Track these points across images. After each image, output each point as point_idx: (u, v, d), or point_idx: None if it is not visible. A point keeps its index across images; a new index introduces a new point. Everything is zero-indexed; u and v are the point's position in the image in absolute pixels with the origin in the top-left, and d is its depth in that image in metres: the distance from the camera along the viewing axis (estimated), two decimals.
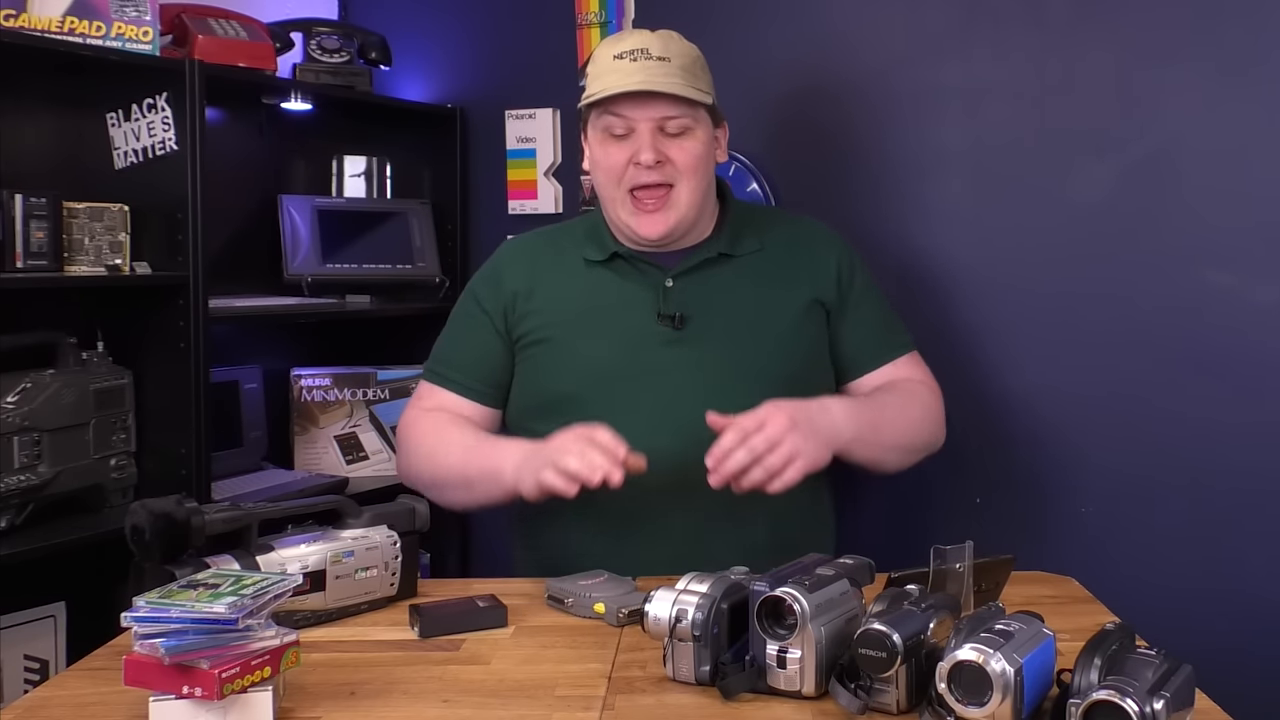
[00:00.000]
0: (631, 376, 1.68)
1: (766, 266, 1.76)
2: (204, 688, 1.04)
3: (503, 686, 1.20)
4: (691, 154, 1.68)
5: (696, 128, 1.69)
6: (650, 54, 1.66)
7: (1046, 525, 2.07)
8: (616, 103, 1.67)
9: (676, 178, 1.68)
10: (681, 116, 1.67)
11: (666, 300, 1.71)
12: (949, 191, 2.16)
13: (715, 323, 1.71)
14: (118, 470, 2.02)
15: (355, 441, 2.57)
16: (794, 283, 1.75)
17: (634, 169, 1.67)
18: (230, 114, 2.49)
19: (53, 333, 1.99)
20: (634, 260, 1.74)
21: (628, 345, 1.70)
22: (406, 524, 1.46)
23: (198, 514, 1.27)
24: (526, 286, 1.77)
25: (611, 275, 1.75)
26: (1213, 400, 1.95)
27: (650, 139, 1.66)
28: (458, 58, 2.66)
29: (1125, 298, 2.02)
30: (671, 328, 1.69)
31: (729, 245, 1.75)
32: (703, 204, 1.73)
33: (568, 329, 1.73)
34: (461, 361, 1.80)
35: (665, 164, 1.67)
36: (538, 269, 1.79)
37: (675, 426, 1.61)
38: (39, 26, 1.91)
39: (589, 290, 1.75)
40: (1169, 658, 1.00)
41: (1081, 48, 2.04)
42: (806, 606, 1.10)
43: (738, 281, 1.74)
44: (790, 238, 1.80)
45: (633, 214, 1.69)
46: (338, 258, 2.51)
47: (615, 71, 1.66)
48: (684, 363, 1.68)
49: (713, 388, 1.66)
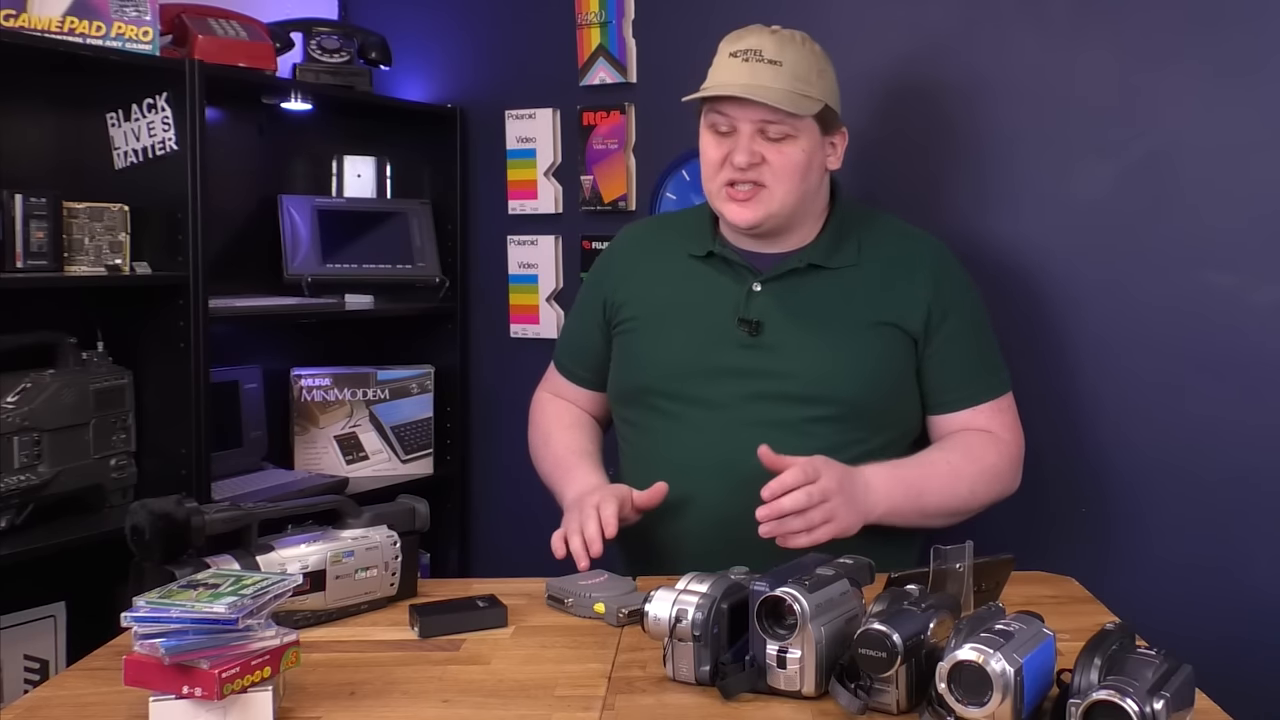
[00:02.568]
0: (701, 375, 1.70)
1: (857, 283, 1.73)
2: (204, 688, 1.04)
3: (503, 686, 1.20)
4: (789, 159, 1.67)
5: (799, 135, 1.67)
6: (763, 56, 1.65)
7: (1046, 525, 2.07)
8: (722, 100, 1.67)
9: (770, 179, 1.67)
10: (782, 123, 1.66)
11: (749, 305, 1.72)
12: (948, 192, 2.16)
13: (792, 334, 1.70)
14: (118, 470, 2.02)
15: (355, 441, 2.57)
16: (880, 305, 1.72)
17: (730, 167, 1.68)
18: (230, 114, 2.49)
19: (53, 333, 1.99)
20: (729, 260, 1.76)
21: (703, 344, 1.72)
22: (406, 524, 1.46)
23: (198, 514, 1.27)
24: (630, 275, 1.84)
25: (706, 271, 1.77)
26: (1213, 400, 1.95)
27: (748, 141, 1.66)
28: (458, 58, 2.66)
29: (1125, 297, 2.02)
30: (748, 334, 1.70)
31: (824, 256, 1.73)
32: (797, 208, 1.71)
33: (653, 321, 1.78)
34: (571, 347, 1.94)
35: (760, 165, 1.67)
36: (643, 257, 1.85)
37: (740, 431, 1.64)
38: (39, 26, 1.91)
39: (681, 284, 1.78)
40: (1169, 658, 1.00)
41: (1081, 48, 2.04)
42: (806, 606, 1.10)
43: (824, 295, 1.72)
44: (892, 256, 1.76)
45: (727, 201, 1.70)
46: (338, 258, 2.51)
47: (726, 69, 1.68)
48: (754, 369, 1.69)
49: (776, 398, 1.67)
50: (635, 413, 1.78)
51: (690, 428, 1.70)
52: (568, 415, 1.92)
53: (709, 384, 1.70)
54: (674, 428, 1.71)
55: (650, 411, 1.74)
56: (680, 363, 1.72)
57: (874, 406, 1.69)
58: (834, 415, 1.66)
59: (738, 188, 1.69)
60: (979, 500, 1.72)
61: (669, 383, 1.72)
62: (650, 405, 1.74)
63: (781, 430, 1.63)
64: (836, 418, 1.66)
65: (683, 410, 1.70)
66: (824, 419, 1.66)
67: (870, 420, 1.69)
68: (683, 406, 1.70)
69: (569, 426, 1.89)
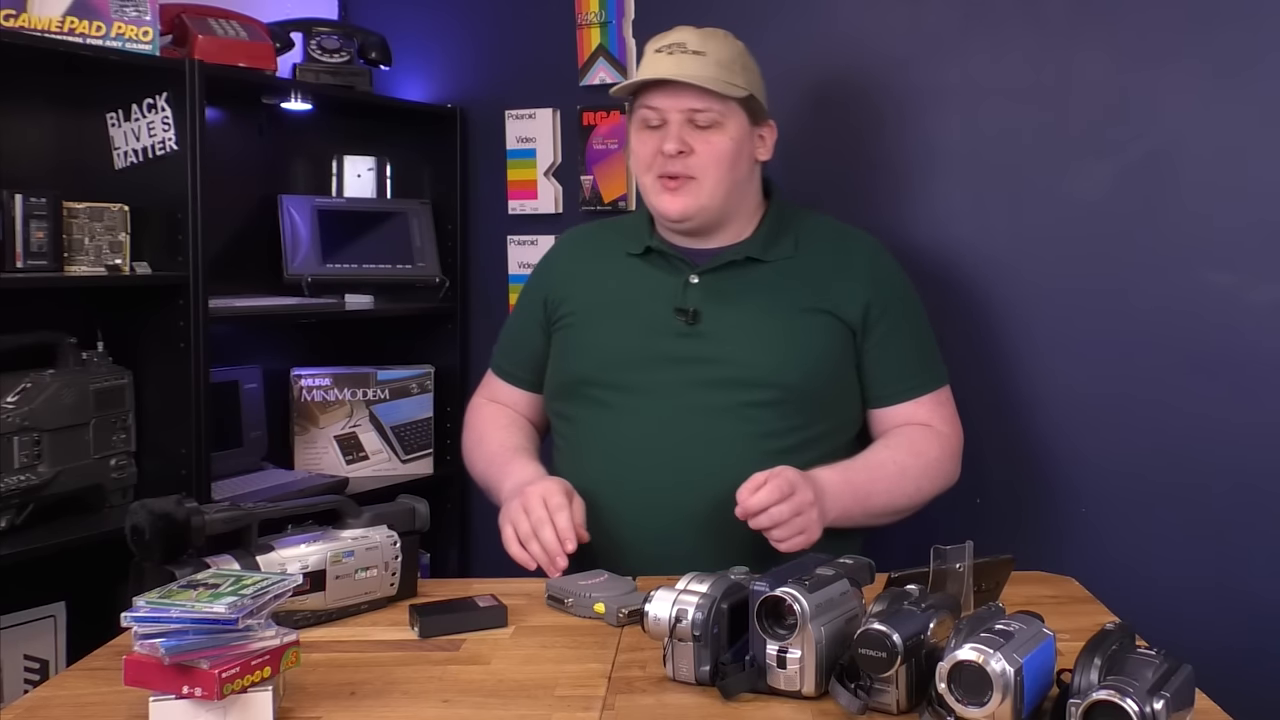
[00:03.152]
0: (640, 364, 1.71)
1: (795, 275, 1.75)
2: (204, 688, 1.04)
3: (503, 686, 1.20)
4: (717, 148, 1.70)
5: (726, 123, 1.70)
6: (687, 48, 1.69)
7: (1046, 525, 2.07)
8: (649, 94, 1.71)
9: (699, 170, 1.70)
10: (709, 110, 1.69)
11: (686, 295, 1.73)
12: (948, 192, 2.16)
13: (729, 323, 1.71)
14: (118, 470, 2.02)
15: (355, 441, 2.57)
16: (817, 293, 1.74)
17: (660, 158, 1.70)
18: (230, 114, 2.48)
19: (53, 333, 1.99)
20: (666, 255, 1.78)
21: (641, 334, 1.73)
22: (406, 524, 1.46)
23: (198, 514, 1.27)
24: (570, 274, 1.86)
25: (644, 267, 1.79)
26: (1212, 399, 1.95)
27: (678, 130, 1.69)
28: (458, 58, 2.66)
29: (1124, 297, 2.02)
30: (685, 323, 1.71)
31: (761, 249, 1.76)
32: (729, 199, 1.74)
33: (593, 315, 1.79)
34: (510, 350, 1.94)
35: (690, 155, 1.69)
36: (583, 258, 1.88)
37: (678, 418, 1.67)
38: (39, 26, 1.91)
39: (620, 280, 1.80)
40: (1169, 658, 1.00)
41: (1079, 48, 2.04)
42: (806, 606, 1.10)
43: (761, 286, 1.74)
44: (830, 250, 1.79)
45: (659, 193, 1.73)
46: (338, 258, 2.51)
47: (651, 64, 1.71)
48: (692, 357, 1.70)
49: (714, 384, 1.68)
50: (572, 405, 1.77)
51: (629, 416, 1.70)
52: (503, 417, 1.90)
53: (647, 372, 1.71)
54: (612, 417, 1.72)
55: (588, 402, 1.74)
56: (618, 351, 1.73)
57: (812, 392, 1.70)
58: (773, 400, 1.67)
59: (668, 180, 1.71)
60: (923, 496, 1.75)
61: (607, 372, 1.73)
62: (588, 396, 1.74)
63: (720, 416, 1.66)
64: (775, 402, 1.67)
65: (621, 399, 1.71)
66: (762, 404, 1.66)
67: (809, 406, 1.70)
68: (621, 395, 1.71)
69: (504, 427, 1.88)
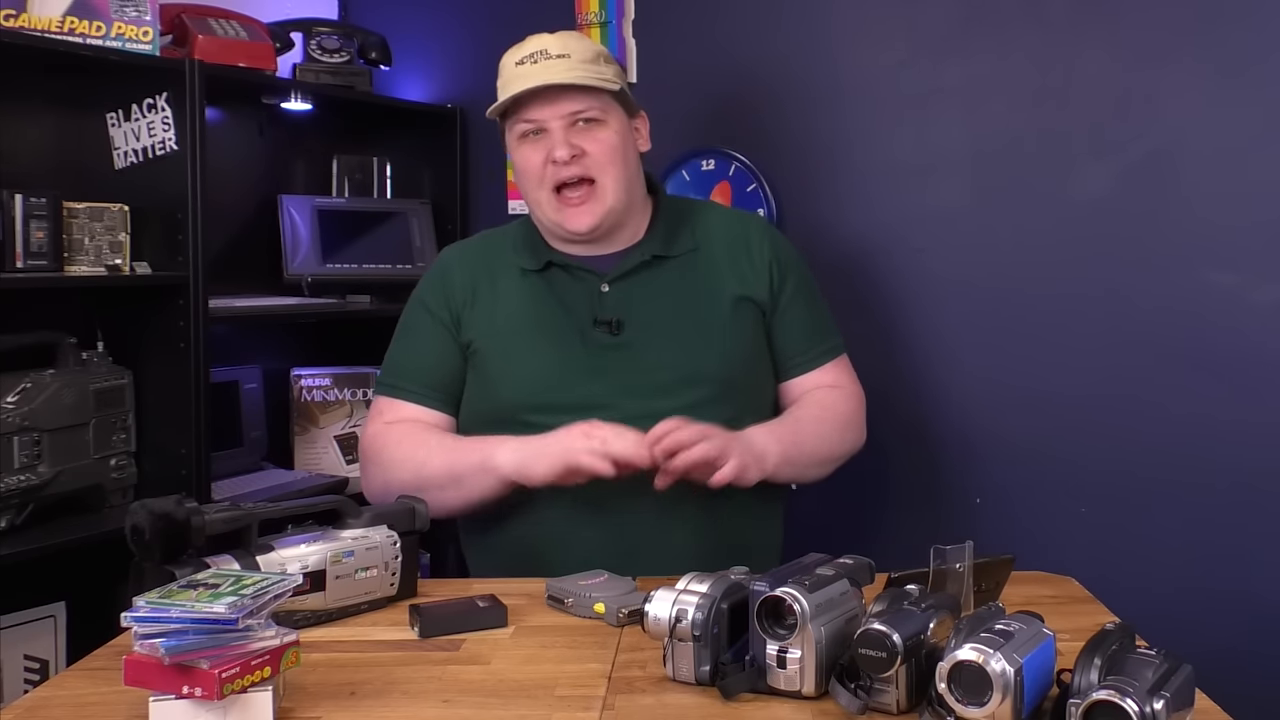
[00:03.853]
0: (572, 383, 1.67)
1: (701, 266, 1.75)
2: (204, 688, 1.04)
3: (503, 686, 1.20)
4: (606, 144, 1.68)
5: (608, 118, 1.69)
6: (549, 54, 1.67)
7: (1046, 525, 2.07)
8: (525, 107, 1.68)
9: (595, 169, 1.68)
10: (589, 109, 1.67)
11: (603, 305, 1.70)
12: (949, 192, 2.16)
13: (652, 325, 1.70)
14: (118, 470, 2.02)
15: (355, 441, 2.57)
16: (728, 282, 1.74)
17: (552, 167, 1.67)
18: (230, 114, 2.49)
19: (53, 333, 1.99)
20: (569, 268, 1.73)
21: (566, 352, 1.69)
22: (406, 524, 1.46)
23: (198, 514, 1.26)
24: (470, 294, 1.75)
25: (548, 284, 1.73)
26: (1212, 400, 1.95)
27: (563, 135, 1.67)
28: (458, 58, 2.66)
29: (1125, 298, 2.02)
30: (609, 333, 1.68)
31: (663, 246, 1.74)
32: (629, 194, 1.72)
33: (507, 340, 1.71)
34: (415, 370, 1.76)
35: (582, 157, 1.67)
36: (478, 277, 1.76)
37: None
38: (39, 26, 1.91)
39: (526, 300, 1.73)
40: (1169, 658, 1.00)
41: (1081, 48, 2.04)
42: (806, 606, 1.10)
43: (674, 283, 1.73)
44: (725, 235, 1.78)
45: (559, 209, 1.69)
46: (338, 258, 2.51)
47: (518, 77, 1.68)
48: (623, 367, 1.67)
49: (652, 390, 1.66)
50: (505, 431, 1.63)
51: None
52: (424, 430, 1.71)
53: (577, 391, 1.65)
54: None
55: (521, 427, 1.62)
56: (542, 376, 1.68)
57: (744, 380, 1.71)
58: (708, 398, 1.65)
59: (567, 193, 1.68)
60: (846, 447, 1.78)
61: (534, 397, 1.66)
62: (519, 422, 1.64)
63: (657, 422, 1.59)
64: (710, 400, 1.65)
65: (554, 422, 1.59)
66: (698, 404, 1.64)
67: (741, 397, 1.70)
68: (553, 418, 1.61)
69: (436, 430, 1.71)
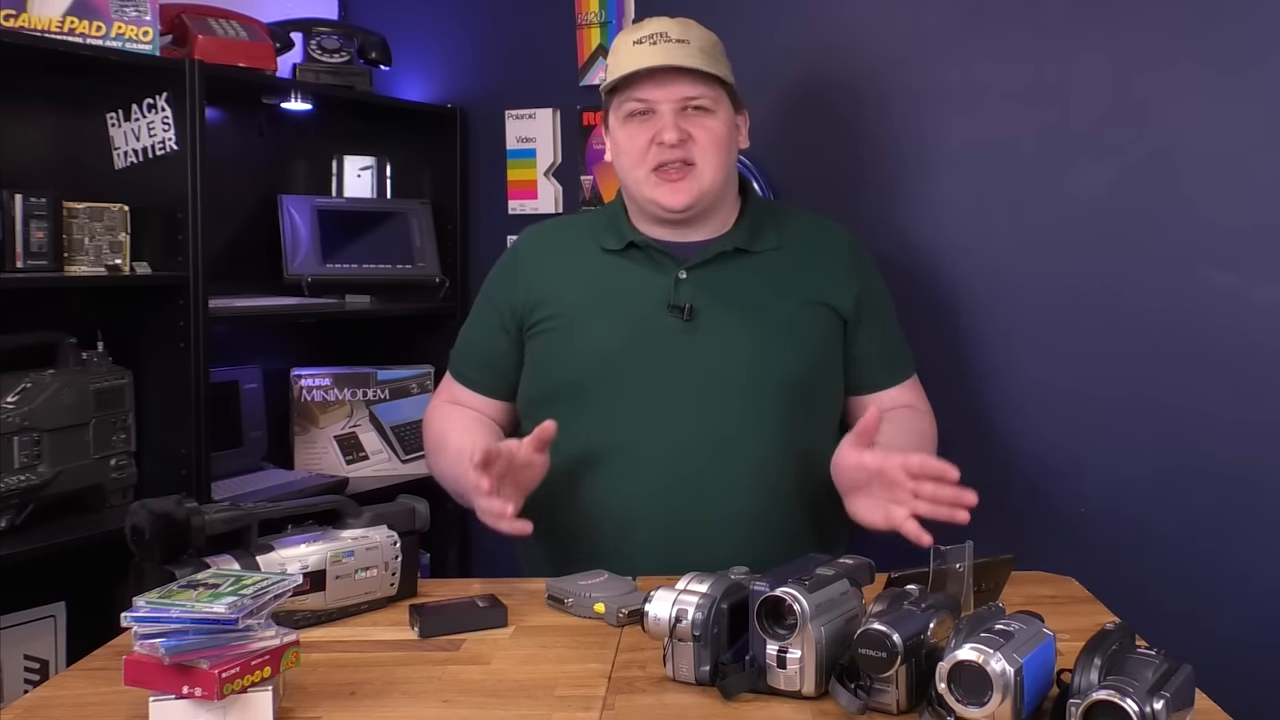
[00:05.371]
0: (637, 365, 1.67)
1: (783, 266, 1.74)
2: (204, 688, 1.04)
3: (503, 686, 1.20)
4: (713, 132, 1.68)
5: (717, 109, 1.69)
6: (669, 37, 1.67)
7: (1046, 525, 2.07)
8: (638, 85, 1.67)
9: (699, 155, 1.68)
10: (702, 96, 1.67)
11: (678, 291, 1.70)
12: (949, 192, 2.16)
13: (725, 317, 1.69)
14: (118, 470, 2.02)
15: (355, 441, 2.57)
16: (810, 285, 1.73)
17: (656, 148, 1.67)
18: (230, 114, 2.48)
19: (53, 333, 1.99)
20: (650, 250, 1.73)
21: (635, 334, 1.69)
22: (406, 524, 1.46)
23: (198, 514, 1.27)
24: (541, 275, 1.77)
25: (626, 264, 1.74)
26: (1212, 399, 1.95)
27: (673, 118, 1.66)
28: (458, 58, 2.66)
29: (1125, 297, 2.02)
30: (680, 319, 1.68)
31: (747, 241, 1.74)
32: (725, 185, 1.72)
33: (577, 317, 1.72)
34: (472, 355, 1.84)
35: (688, 142, 1.67)
36: (553, 257, 1.80)
37: (677, 415, 1.64)
38: (39, 26, 1.91)
39: (602, 278, 1.74)
40: (1169, 658, 1.00)
41: (1081, 49, 2.04)
42: (806, 606, 1.10)
43: (752, 278, 1.73)
44: (811, 240, 1.78)
45: (657, 185, 1.69)
46: (338, 258, 2.51)
47: (634, 56, 1.67)
48: (690, 354, 1.67)
49: (717, 380, 1.66)
50: (560, 412, 1.61)
51: (628, 420, 1.65)
52: (465, 418, 1.79)
53: (646, 372, 1.66)
54: (610, 422, 1.66)
55: (582, 408, 1.66)
56: (614, 353, 1.68)
57: (813, 383, 1.71)
58: (774, 395, 1.66)
59: (667, 169, 1.68)
60: None
61: (604, 374, 1.67)
62: (582, 401, 1.67)
63: (723, 413, 1.64)
64: (777, 397, 1.66)
65: (621, 401, 1.65)
66: (764, 400, 1.65)
67: (810, 399, 1.70)
68: (620, 397, 1.65)
69: (467, 428, 1.75)
